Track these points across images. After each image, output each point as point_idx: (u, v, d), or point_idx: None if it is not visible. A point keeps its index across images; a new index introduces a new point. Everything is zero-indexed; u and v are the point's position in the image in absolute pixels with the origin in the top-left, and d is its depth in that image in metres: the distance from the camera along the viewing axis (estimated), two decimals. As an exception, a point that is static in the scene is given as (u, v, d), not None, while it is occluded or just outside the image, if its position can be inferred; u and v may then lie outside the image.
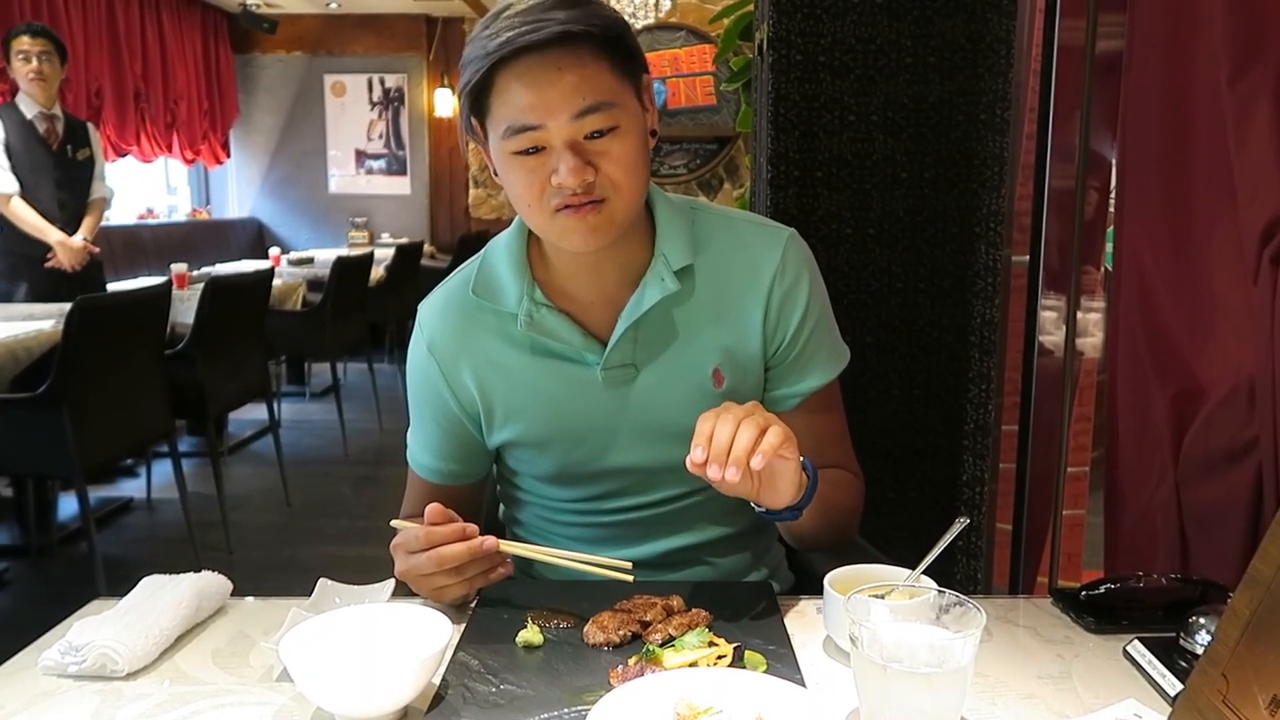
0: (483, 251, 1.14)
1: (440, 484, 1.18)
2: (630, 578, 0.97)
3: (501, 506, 1.29)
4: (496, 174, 1.04)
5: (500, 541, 0.98)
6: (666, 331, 1.09)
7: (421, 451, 1.18)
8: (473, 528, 0.97)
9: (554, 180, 0.97)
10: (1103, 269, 1.70)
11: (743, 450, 0.87)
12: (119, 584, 1.01)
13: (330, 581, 1.02)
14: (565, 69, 0.94)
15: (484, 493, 1.27)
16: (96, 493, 3.82)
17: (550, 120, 0.95)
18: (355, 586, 1.02)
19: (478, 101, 0.99)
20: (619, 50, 0.98)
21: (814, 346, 1.12)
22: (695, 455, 0.88)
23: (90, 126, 4.03)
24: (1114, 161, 1.52)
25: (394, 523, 1.01)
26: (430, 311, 1.15)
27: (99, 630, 0.88)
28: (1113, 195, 1.55)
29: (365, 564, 1.14)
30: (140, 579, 1.01)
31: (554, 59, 0.94)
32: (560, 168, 0.96)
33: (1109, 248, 1.60)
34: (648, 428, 1.09)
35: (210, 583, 1.01)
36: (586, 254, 1.04)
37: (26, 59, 3.64)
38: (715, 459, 0.87)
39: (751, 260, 1.11)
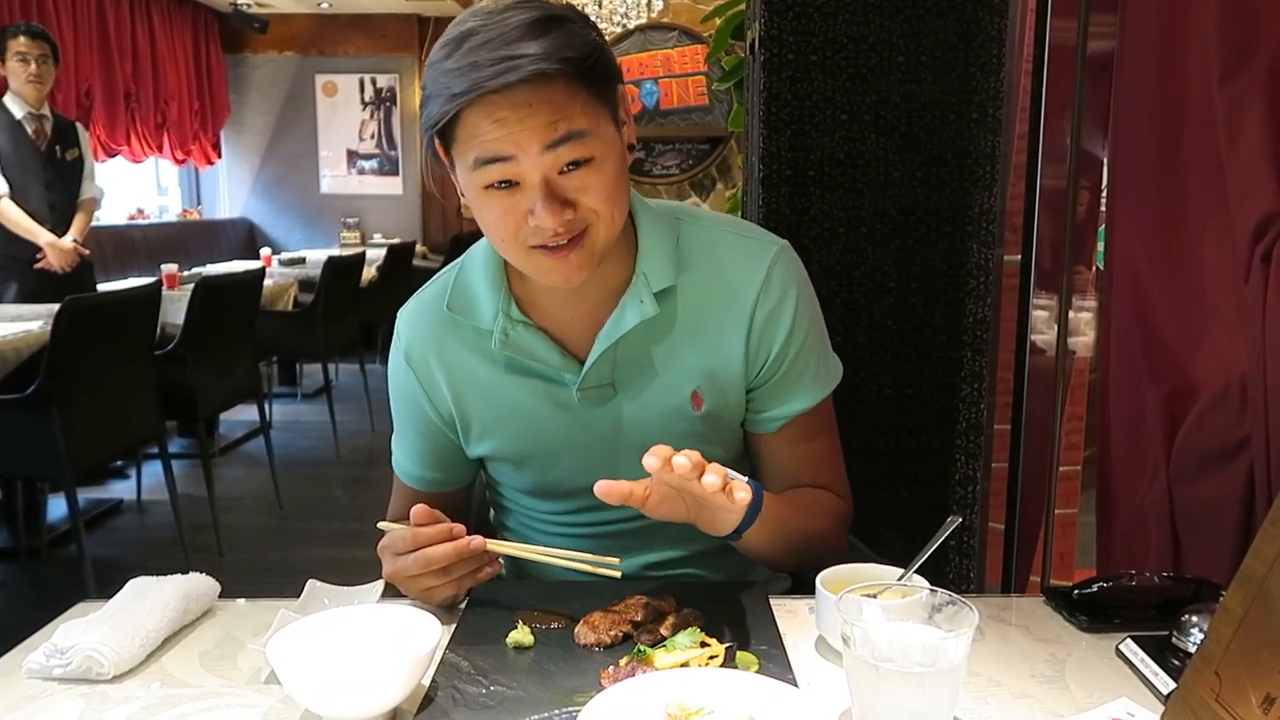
0: (459, 262, 1.12)
1: (424, 490, 1.17)
2: (618, 573, 0.97)
3: (491, 515, 1.29)
4: (463, 195, 0.99)
5: (488, 541, 0.97)
6: (645, 352, 1.06)
7: (405, 459, 1.17)
8: (459, 528, 0.96)
9: (531, 221, 0.92)
10: (1094, 268, 1.70)
11: (697, 458, 0.87)
12: (108, 586, 1.00)
13: (319, 583, 1.01)
14: (536, 105, 0.88)
15: (470, 497, 1.26)
16: (86, 494, 3.80)
17: (520, 153, 0.89)
18: (344, 588, 1.01)
19: (444, 134, 0.94)
20: (593, 77, 0.92)
21: (801, 366, 1.09)
22: (649, 460, 0.87)
23: (79, 127, 4.01)
24: (1105, 161, 1.52)
25: (381, 525, 1.00)
26: (407, 321, 1.13)
27: (84, 633, 0.88)
28: (1104, 194, 1.55)
29: (357, 566, 1.13)
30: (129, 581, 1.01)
31: (525, 97, 0.88)
32: (537, 209, 0.91)
33: (1100, 247, 1.60)
34: (626, 447, 1.07)
35: (198, 584, 1.00)
36: None
37: (24, 61, 3.62)
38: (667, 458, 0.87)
39: (735, 278, 1.07)
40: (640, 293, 1.03)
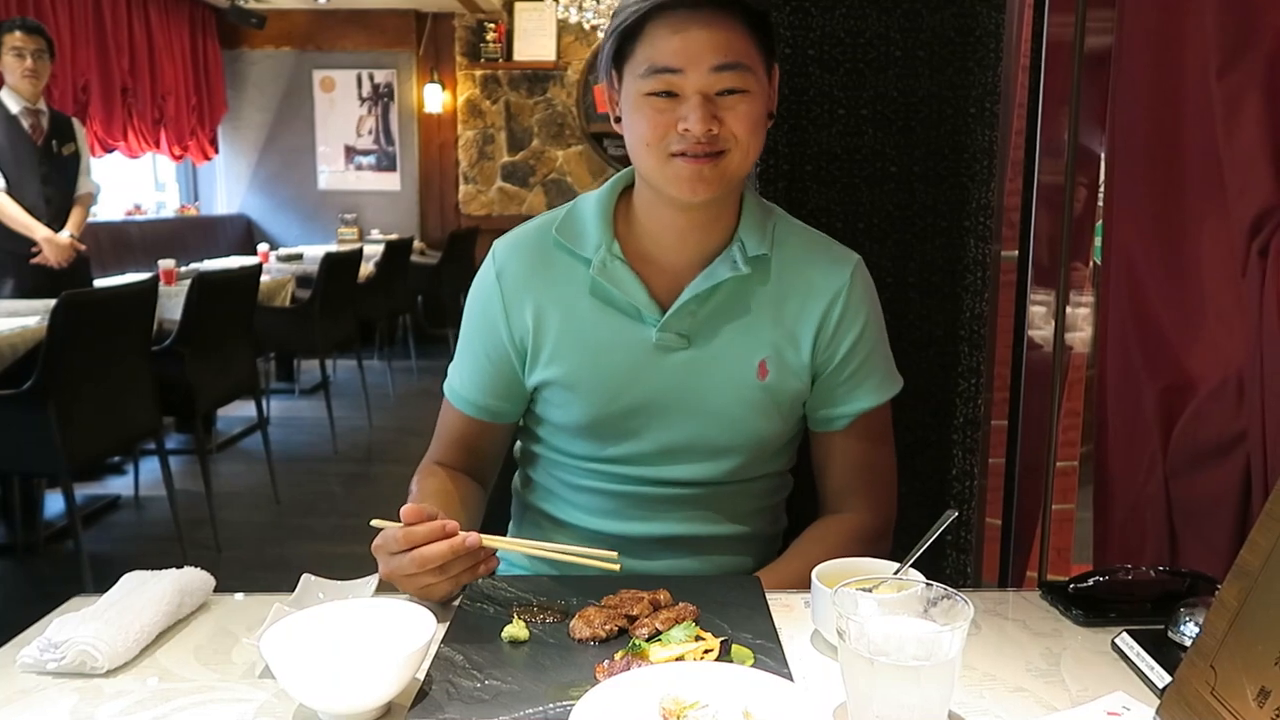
0: (574, 201, 1.20)
1: (474, 418, 1.21)
2: (616, 567, 0.97)
3: (516, 476, 1.32)
4: (618, 120, 1.10)
5: (483, 537, 0.97)
6: (727, 312, 1.13)
7: (462, 384, 1.21)
8: (453, 524, 0.96)
9: (680, 127, 1.03)
10: (1092, 264, 1.70)
11: None
12: (106, 582, 1.00)
13: (314, 577, 1.01)
14: (714, 26, 1.01)
15: (508, 445, 1.30)
16: (83, 490, 3.79)
17: (690, 67, 1.01)
18: (339, 582, 1.01)
19: (623, 44, 1.05)
20: (762, 28, 1.05)
21: (871, 366, 1.18)
22: None
23: (75, 122, 4.01)
24: (1103, 156, 1.52)
25: (374, 522, 0.99)
26: (506, 245, 1.20)
27: (78, 627, 0.87)
28: (1101, 190, 1.54)
29: (355, 561, 1.13)
30: (124, 576, 1.00)
31: (705, 16, 1.01)
32: (690, 115, 1.02)
33: (1098, 242, 1.60)
34: (684, 400, 1.13)
35: (192, 579, 1.00)
36: (682, 211, 1.10)
37: (20, 56, 3.61)
38: None
39: (819, 275, 1.16)
40: (736, 254, 1.12)
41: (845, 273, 1.17)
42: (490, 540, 0.98)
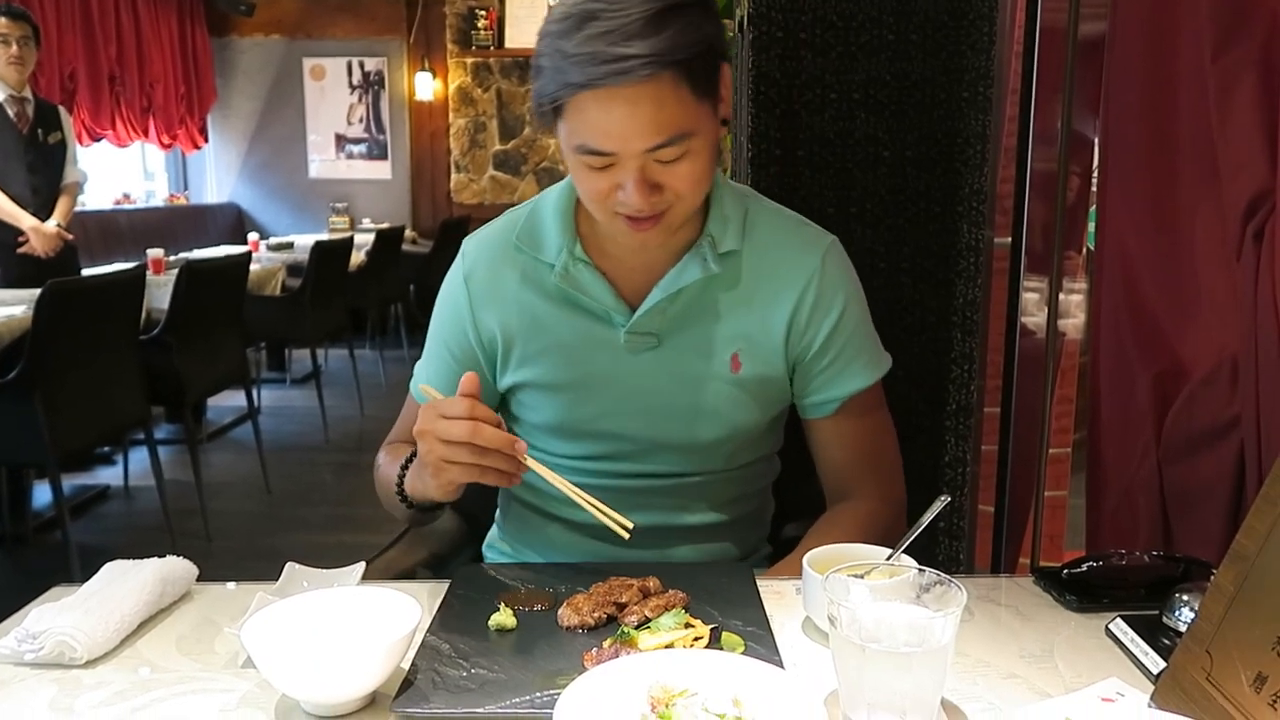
0: (533, 200, 1.16)
1: None
2: (626, 534, 0.97)
3: None
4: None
5: (526, 454, 0.96)
6: (697, 309, 1.11)
7: (428, 382, 1.18)
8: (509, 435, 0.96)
9: (619, 195, 0.98)
10: (1085, 250, 1.69)
11: None
12: (94, 573, 0.99)
13: (298, 565, 1.00)
14: (643, 103, 0.92)
15: None
16: (72, 480, 3.77)
17: (621, 149, 0.94)
18: (323, 570, 1.00)
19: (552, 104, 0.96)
20: (700, 73, 0.94)
21: (853, 350, 1.14)
22: None
23: (61, 110, 3.97)
24: (1096, 142, 1.51)
25: (423, 388, 1.05)
26: (474, 245, 1.17)
27: (57, 617, 0.86)
28: (1095, 176, 1.53)
29: (346, 551, 1.13)
30: (111, 567, 0.98)
31: (632, 95, 0.91)
32: (628, 188, 0.96)
33: (1091, 228, 1.59)
34: (656, 398, 1.11)
35: (175, 568, 0.98)
36: None
37: (5, 42, 3.58)
38: None
39: (791, 260, 1.12)
40: (706, 251, 1.09)
41: (816, 257, 1.13)
42: (530, 461, 0.97)
